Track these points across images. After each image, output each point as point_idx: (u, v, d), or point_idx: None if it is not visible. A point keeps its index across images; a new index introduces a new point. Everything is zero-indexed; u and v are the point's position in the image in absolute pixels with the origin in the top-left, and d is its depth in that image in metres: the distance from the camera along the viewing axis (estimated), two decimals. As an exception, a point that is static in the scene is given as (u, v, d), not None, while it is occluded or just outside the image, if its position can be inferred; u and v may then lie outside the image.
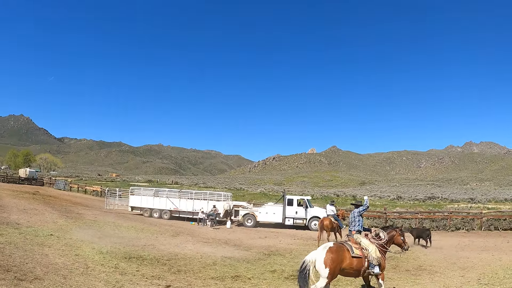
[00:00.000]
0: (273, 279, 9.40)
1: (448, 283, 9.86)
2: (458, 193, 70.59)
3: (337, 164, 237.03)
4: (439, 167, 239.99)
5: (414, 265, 12.30)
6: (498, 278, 10.16)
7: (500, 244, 17.33)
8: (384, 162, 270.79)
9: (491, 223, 23.30)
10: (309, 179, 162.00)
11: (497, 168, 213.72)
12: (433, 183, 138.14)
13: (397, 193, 64.16)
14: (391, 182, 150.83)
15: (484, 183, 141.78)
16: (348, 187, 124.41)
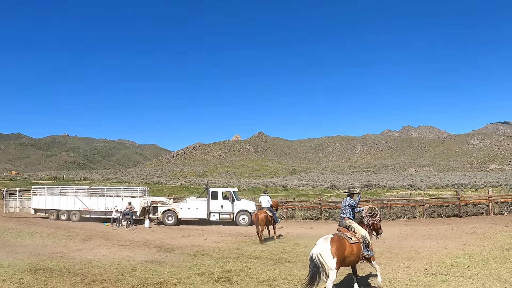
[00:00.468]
0: (201, 283, 10.08)
1: (393, 275, 10.64)
2: (396, 179, 79.02)
3: (264, 152, 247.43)
4: (375, 153, 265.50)
5: (357, 258, 13.25)
6: (446, 267, 11.28)
7: (444, 231, 19.48)
8: (316, 148, 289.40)
9: (433, 210, 26.30)
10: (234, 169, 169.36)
11: (436, 153, 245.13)
12: (369, 170, 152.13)
13: (331, 182, 68.84)
14: (324, 170, 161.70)
15: (423, 169, 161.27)
16: (277, 177, 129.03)
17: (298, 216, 27.41)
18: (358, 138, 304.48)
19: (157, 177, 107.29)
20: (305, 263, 12.41)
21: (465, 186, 51.75)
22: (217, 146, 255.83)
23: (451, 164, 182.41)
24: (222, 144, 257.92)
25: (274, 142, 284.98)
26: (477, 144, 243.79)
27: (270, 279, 10.47)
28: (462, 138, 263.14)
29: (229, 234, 20.33)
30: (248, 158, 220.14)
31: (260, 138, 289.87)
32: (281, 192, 50.41)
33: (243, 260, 13.12)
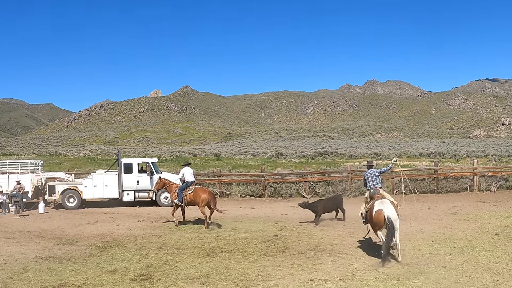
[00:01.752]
0: (114, 283, 10.16)
1: (357, 266, 10.90)
2: (358, 146, 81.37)
3: (192, 112, 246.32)
4: (332, 113, 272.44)
5: (309, 245, 13.59)
6: (423, 256, 11.71)
7: (419, 211, 20.21)
8: (257, 107, 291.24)
9: (405, 184, 26.92)
10: (153, 134, 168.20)
11: (408, 114, 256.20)
12: (325, 134, 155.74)
13: (277, 149, 69.80)
14: (268, 134, 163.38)
15: (392, 134, 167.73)
16: (208, 143, 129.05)
17: (236, 192, 27.65)
18: (310, 95, 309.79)
19: (54, 146, 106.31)
20: (246, 252, 12.56)
21: (444, 156, 54.49)
22: (131, 104, 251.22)
23: (426, 128, 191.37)
24: (137, 102, 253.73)
25: (203, 99, 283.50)
26: (459, 104, 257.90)
27: (202, 275, 10.47)
28: (440, 97, 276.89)
29: (148, 218, 20.36)
30: (171, 120, 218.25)
31: (186, 94, 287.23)
32: (213, 162, 50.52)
33: (166, 252, 13.15)
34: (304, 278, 10.02)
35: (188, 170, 18.96)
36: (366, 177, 13.12)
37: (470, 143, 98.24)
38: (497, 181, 27.48)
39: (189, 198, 18.17)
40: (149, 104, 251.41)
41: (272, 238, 14.79)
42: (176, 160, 53.45)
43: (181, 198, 18.13)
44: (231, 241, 14.61)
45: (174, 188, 18.75)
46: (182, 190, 18.30)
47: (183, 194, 18.21)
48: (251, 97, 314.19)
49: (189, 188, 18.33)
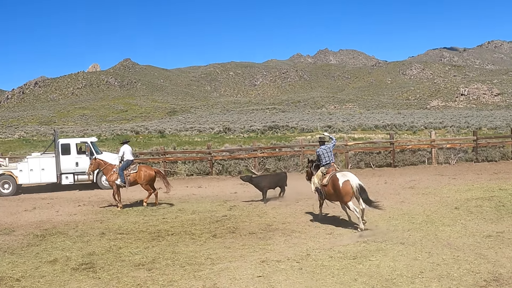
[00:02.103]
0: (55, 274, 10.06)
1: (312, 245, 11.03)
2: (310, 119, 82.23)
3: (133, 87, 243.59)
4: (282, 84, 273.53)
5: (261, 224, 13.78)
6: (380, 232, 11.93)
7: (375, 186, 20.62)
8: (202, 79, 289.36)
9: (360, 158, 28.10)
10: (92, 112, 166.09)
11: (362, 85, 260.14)
12: (275, 107, 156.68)
13: (224, 124, 69.87)
14: (214, 108, 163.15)
15: (346, 106, 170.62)
16: (151, 119, 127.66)
17: (182, 171, 27.86)
18: (259, 66, 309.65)
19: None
20: (194, 235, 12.65)
21: (401, 128, 55.74)
22: (67, 80, 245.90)
23: (381, 99, 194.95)
24: (74, 77, 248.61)
25: (145, 72, 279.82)
26: (416, 74, 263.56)
27: (148, 261, 10.47)
28: (396, 67, 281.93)
29: (89, 202, 20.32)
30: (111, 96, 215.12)
31: (127, 67, 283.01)
32: (156, 139, 50.32)
33: (110, 237, 13.08)
34: (256, 259, 10.06)
35: (128, 148, 19.06)
36: (320, 154, 13.89)
37: (427, 114, 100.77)
38: (456, 154, 28.29)
39: (133, 177, 18.26)
40: (87, 79, 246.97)
41: (221, 219, 14.84)
42: (117, 138, 52.95)
43: (123, 179, 18.11)
44: (177, 223, 14.59)
45: (111, 169, 18.62)
46: (123, 169, 18.24)
47: (125, 173, 18.20)
48: (196, 69, 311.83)
49: (132, 167, 18.41)
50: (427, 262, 9.34)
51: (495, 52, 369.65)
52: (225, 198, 19.21)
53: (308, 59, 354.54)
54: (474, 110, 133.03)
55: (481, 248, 10.20)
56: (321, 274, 8.90)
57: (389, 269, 8.99)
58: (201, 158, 28.27)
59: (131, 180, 18.27)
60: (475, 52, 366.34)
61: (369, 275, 8.71)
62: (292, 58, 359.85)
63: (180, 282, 8.95)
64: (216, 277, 9.06)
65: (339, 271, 9.02)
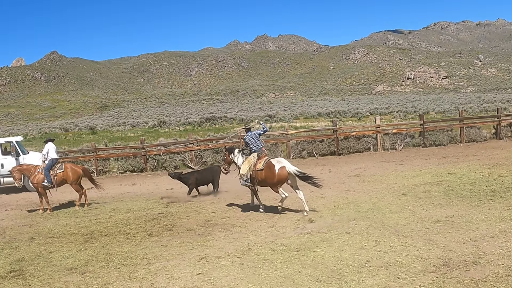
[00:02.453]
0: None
1: (253, 239, 11.16)
2: (250, 109, 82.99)
3: (61, 81, 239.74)
4: (220, 73, 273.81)
5: (199, 220, 13.90)
6: (325, 223, 12.15)
7: (319, 175, 20.47)
8: (134, 71, 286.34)
9: (302, 147, 28.51)
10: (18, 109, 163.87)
11: (304, 71, 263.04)
12: (212, 97, 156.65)
13: (159, 117, 69.57)
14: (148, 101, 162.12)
15: (287, 93, 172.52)
16: (82, 115, 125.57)
17: (114, 168, 27.71)
18: (194, 54, 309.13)
19: None
20: (129, 234, 12.69)
21: (345, 115, 56.77)
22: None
23: (324, 86, 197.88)
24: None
25: (73, 65, 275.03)
26: (359, 59, 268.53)
27: (81, 264, 10.38)
28: (339, 51, 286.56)
29: (17, 206, 19.91)
30: (38, 92, 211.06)
31: (54, 60, 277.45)
32: (87, 136, 49.82)
33: (40, 242, 12.88)
34: (195, 257, 10.09)
35: (52, 146, 18.90)
36: (248, 141, 15.12)
37: (373, 99, 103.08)
38: (403, 139, 29.04)
39: (60, 177, 18.19)
40: (11, 75, 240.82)
41: (158, 216, 14.85)
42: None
43: (50, 179, 17.91)
44: (111, 223, 14.52)
45: (34, 170, 18.34)
46: (49, 169, 18.03)
47: (51, 173, 18.05)
48: (127, 60, 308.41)
49: (58, 166, 18.31)
50: (374, 250, 9.54)
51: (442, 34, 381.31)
52: (161, 195, 19.18)
53: (246, 46, 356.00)
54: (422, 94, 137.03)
55: (430, 233, 10.49)
56: (263, 269, 8.96)
57: (334, 259, 9.14)
58: (134, 154, 28.08)
59: (58, 180, 18.13)
60: (421, 34, 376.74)
61: (313, 266, 8.83)
62: (229, 45, 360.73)
63: (116, 285, 8.91)
64: (153, 277, 9.05)
65: (282, 264, 9.11)
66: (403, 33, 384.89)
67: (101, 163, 27.92)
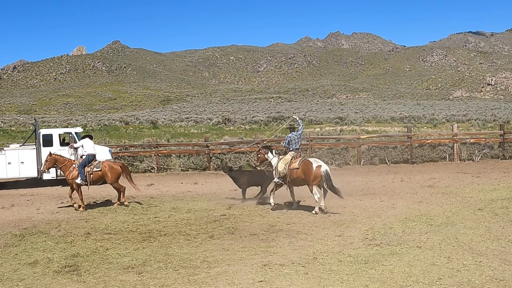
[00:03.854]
0: (35, 277, 9.96)
1: (319, 248, 11.03)
2: (319, 110, 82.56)
3: (122, 72, 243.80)
4: (289, 71, 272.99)
5: (263, 225, 13.80)
6: (395, 235, 11.95)
7: (390, 183, 20.74)
8: (199, 65, 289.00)
9: (374, 153, 28.19)
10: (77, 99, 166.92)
11: (378, 72, 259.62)
12: (280, 96, 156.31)
13: (224, 114, 69.77)
14: (213, 97, 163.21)
15: (359, 95, 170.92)
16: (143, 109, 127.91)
17: (176, 166, 27.78)
18: (262, 50, 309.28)
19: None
20: (190, 236, 12.67)
21: (420, 121, 55.73)
22: (50, 64, 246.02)
23: (399, 88, 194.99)
24: (58, 61, 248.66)
25: (136, 56, 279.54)
26: (437, 61, 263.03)
27: (138, 264, 10.42)
28: (415, 52, 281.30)
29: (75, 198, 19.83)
30: (98, 82, 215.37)
31: (116, 50, 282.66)
32: (148, 131, 50.18)
33: (96, 238, 13.02)
34: (257, 263, 10.07)
35: (89, 142, 18.86)
36: (291, 139, 16.37)
37: (450, 105, 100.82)
38: (481, 149, 28.33)
39: (97, 175, 18.06)
40: (71, 63, 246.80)
41: (219, 218, 14.88)
42: (105, 129, 52.95)
43: (84, 176, 17.83)
44: (171, 223, 14.60)
45: (70, 165, 18.30)
46: (83, 166, 17.94)
47: (87, 170, 17.99)
48: (192, 53, 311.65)
49: (94, 164, 18.23)
50: (446, 267, 9.36)
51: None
52: (224, 196, 19.25)
53: (317, 43, 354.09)
54: (502, 102, 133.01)
55: (507, 253, 10.20)
56: (328, 280, 8.90)
57: (404, 274, 9.01)
58: (197, 152, 28.32)
59: (95, 178, 18.03)
60: (504, 37, 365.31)
61: (381, 281, 8.73)
62: (300, 41, 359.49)
63: (173, 287, 8.93)
64: (213, 281, 9.04)
65: (348, 276, 9.03)
66: (484, 35, 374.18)
67: (162, 160, 28.29)
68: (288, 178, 15.86)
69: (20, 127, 62.93)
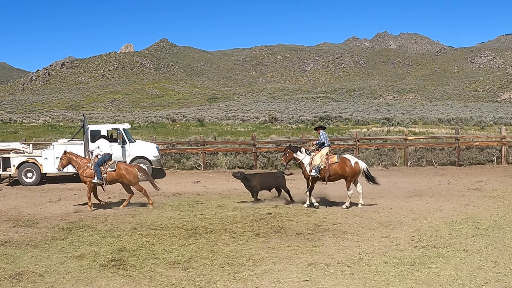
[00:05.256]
0: (81, 270, 10.06)
1: (365, 249, 10.98)
2: (366, 110, 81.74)
3: (170, 70, 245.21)
4: (336, 71, 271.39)
5: (309, 224, 13.79)
6: (442, 237, 11.82)
7: (437, 186, 20.52)
8: (247, 63, 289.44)
9: (421, 155, 27.88)
10: (125, 96, 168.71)
11: (425, 73, 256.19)
12: (327, 95, 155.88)
13: (271, 113, 69.84)
14: (259, 96, 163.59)
15: (406, 96, 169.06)
16: (190, 106, 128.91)
17: (222, 163, 27.97)
18: (310, 49, 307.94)
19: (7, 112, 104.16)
20: (236, 233, 12.71)
21: (467, 123, 54.71)
22: (98, 61, 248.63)
23: (446, 90, 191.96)
24: (105, 58, 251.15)
25: (184, 54, 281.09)
26: (485, 63, 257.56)
27: (184, 260, 10.45)
28: (463, 54, 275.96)
29: (120, 194, 20.36)
30: (146, 79, 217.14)
31: (163, 48, 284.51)
32: (195, 128, 50.42)
33: (142, 233, 13.16)
34: (303, 262, 10.07)
35: (105, 142, 18.76)
36: (325, 136, 17.30)
37: (497, 108, 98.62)
38: (529, 152, 27.70)
39: (111, 175, 17.78)
40: (119, 61, 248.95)
41: (265, 217, 14.90)
42: (152, 126, 53.33)
43: (100, 175, 17.58)
44: (217, 220, 14.66)
45: (84, 164, 18.12)
46: (99, 165, 17.72)
47: (102, 170, 17.74)
48: (240, 52, 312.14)
49: (109, 164, 17.98)
50: (493, 272, 9.21)
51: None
52: (270, 194, 19.14)
53: (365, 43, 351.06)
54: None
55: (555, 259, 9.98)
56: (374, 281, 8.86)
57: (450, 278, 8.91)
58: (244, 150, 28.43)
59: (109, 179, 17.75)
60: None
61: (427, 283, 8.64)
62: (347, 41, 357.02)
63: (219, 284, 8.96)
64: (258, 279, 9.07)
65: (394, 278, 8.97)
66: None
67: (209, 157, 28.35)
68: (327, 172, 16.35)
69: (68, 122, 63.72)
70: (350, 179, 16.24)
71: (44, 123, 64.25)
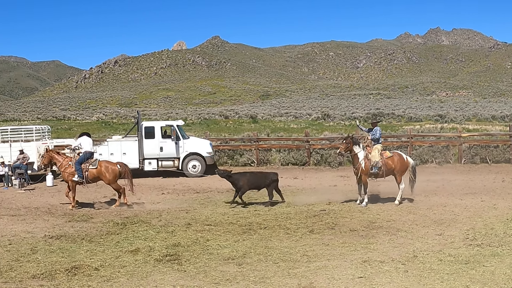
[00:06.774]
0: (136, 264, 10.18)
1: (419, 246, 10.83)
2: (419, 107, 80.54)
3: (222, 67, 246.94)
4: (388, 67, 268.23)
5: (363, 221, 13.68)
6: (496, 236, 11.54)
7: (491, 183, 20.05)
8: (299, 60, 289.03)
9: (475, 152, 27.14)
10: (177, 93, 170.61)
11: (478, 69, 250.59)
12: (379, 92, 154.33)
13: (323, 110, 69.72)
14: (312, 92, 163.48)
15: (460, 93, 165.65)
16: (242, 103, 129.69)
17: (276, 160, 27.87)
18: (362, 46, 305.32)
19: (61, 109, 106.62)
20: (289, 230, 12.67)
21: (522, 119, 53.24)
22: (150, 59, 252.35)
23: (500, 86, 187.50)
24: (158, 56, 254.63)
25: (236, 51, 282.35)
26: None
27: (238, 255, 10.47)
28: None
29: (173, 190, 20.46)
30: (198, 76, 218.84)
31: (216, 45, 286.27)
32: (248, 125, 50.48)
33: (196, 228, 13.19)
34: (357, 259, 10.01)
35: (88, 139, 18.45)
36: (380, 132, 16.82)
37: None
38: None
39: (93, 174, 17.48)
40: (172, 58, 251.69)
41: (319, 213, 14.85)
42: (204, 123, 53.65)
43: (81, 174, 17.23)
44: (271, 216, 14.66)
45: (66, 162, 17.77)
46: (80, 163, 17.35)
47: (83, 168, 17.35)
48: (292, 49, 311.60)
49: (90, 161, 17.60)
50: (549, 272, 8.99)
51: None
52: (324, 191, 19.12)
53: (417, 39, 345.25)
54: None
55: None
56: (428, 279, 8.74)
57: (505, 277, 8.71)
58: (297, 147, 28.31)
59: (90, 177, 17.41)
60: None
61: (483, 282, 8.48)
62: (400, 37, 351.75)
63: (273, 279, 8.91)
64: (312, 275, 9.02)
65: (449, 276, 8.83)
66: None
67: (263, 153, 28.26)
68: (383, 167, 15.98)
69: (121, 119, 64.64)
70: (402, 174, 16.20)
71: (97, 120, 65.77)
